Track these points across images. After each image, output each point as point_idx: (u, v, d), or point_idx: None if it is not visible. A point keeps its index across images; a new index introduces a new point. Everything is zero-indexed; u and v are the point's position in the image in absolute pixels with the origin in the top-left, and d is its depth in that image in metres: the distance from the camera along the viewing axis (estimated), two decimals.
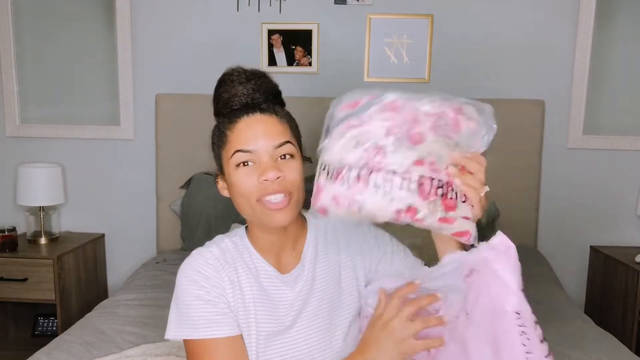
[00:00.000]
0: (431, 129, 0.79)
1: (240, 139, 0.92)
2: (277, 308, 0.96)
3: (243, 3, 2.47)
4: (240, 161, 0.91)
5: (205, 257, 0.95)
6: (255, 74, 0.95)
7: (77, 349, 1.52)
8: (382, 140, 0.78)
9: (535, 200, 2.48)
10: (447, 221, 0.79)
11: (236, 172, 0.92)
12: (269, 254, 0.99)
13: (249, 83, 0.93)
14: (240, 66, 0.96)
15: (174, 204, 2.48)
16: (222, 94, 0.95)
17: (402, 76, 2.49)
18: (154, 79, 2.54)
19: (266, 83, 0.96)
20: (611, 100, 2.48)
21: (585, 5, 2.39)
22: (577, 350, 1.52)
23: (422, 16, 2.45)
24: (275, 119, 0.94)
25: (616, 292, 2.31)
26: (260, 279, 0.97)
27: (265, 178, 0.89)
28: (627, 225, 2.53)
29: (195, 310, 0.91)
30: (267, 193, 0.90)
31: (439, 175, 0.79)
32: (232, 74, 0.95)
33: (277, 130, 0.93)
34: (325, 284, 0.99)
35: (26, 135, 2.59)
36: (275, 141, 0.92)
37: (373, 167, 0.77)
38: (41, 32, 2.54)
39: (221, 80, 0.96)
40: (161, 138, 2.51)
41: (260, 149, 0.91)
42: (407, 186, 0.77)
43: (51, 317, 2.51)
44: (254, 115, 0.93)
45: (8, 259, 2.27)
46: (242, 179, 0.91)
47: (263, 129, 0.92)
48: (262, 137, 0.91)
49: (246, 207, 0.93)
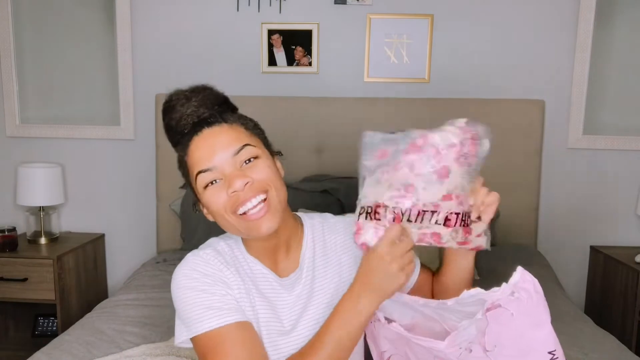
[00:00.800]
0: (455, 161, 0.83)
1: (197, 159, 0.89)
2: (277, 312, 0.95)
3: (243, 3, 2.47)
4: (206, 182, 0.88)
5: (203, 258, 0.93)
6: (194, 90, 0.92)
7: (77, 349, 1.52)
8: (412, 179, 0.83)
9: (535, 200, 2.48)
10: (465, 243, 0.86)
11: (206, 193, 0.89)
12: (265, 258, 0.97)
13: (190, 102, 0.90)
14: (178, 89, 0.93)
15: (174, 204, 2.48)
16: (169, 122, 0.92)
17: (402, 76, 2.49)
18: (154, 79, 2.54)
19: (207, 95, 0.92)
20: (611, 100, 2.48)
21: (585, 5, 2.39)
22: (577, 350, 1.52)
23: (422, 16, 2.45)
24: (225, 127, 0.90)
25: (616, 292, 2.31)
26: (258, 283, 0.95)
27: (233, 190, 0.87)
28: (627, 225, 2.53)
29: (199, 305, 0.88)
30: (241, 203, 0.87)
31: (463, 207, 0.84)
32: (172, 99, 0.91)
33: (230, 138, 0.89)
34: (326, 286, 0.98)
35: (26, 135, 2.59)
36: (231, 149, 0.88)
37: (406, 206, 0.83)
38: (41, 33, 2.55)
39: (164, 110, 0.93)
40: (161, 138, 2.51)
41: (219, 163, 0.88)
42: (435, 220, 0.83)
43: (51, 317, 2.52)
44: (202, 132, 0.90)
45: (8, 259, 2.27)
46: (213, 198, 0.89)
47: (215, 141, 0.88)
48: (217, 150, 0.88)
49: (228, 225, 0.91)
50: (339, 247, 1.03)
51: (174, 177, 2.48)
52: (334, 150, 2.48)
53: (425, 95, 2.49)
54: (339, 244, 1.03)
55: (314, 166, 2.48)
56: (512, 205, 2.45)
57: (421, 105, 2.46)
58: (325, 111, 2.45)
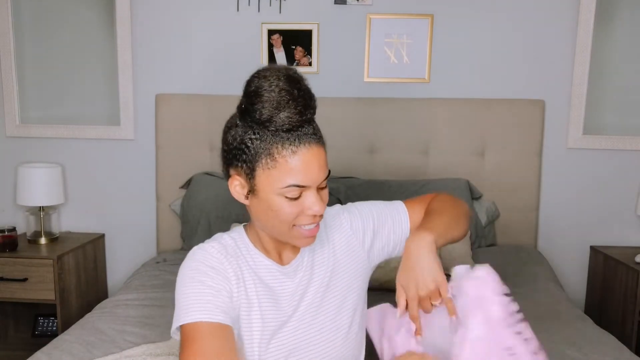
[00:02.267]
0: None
1: (297, 172, 0.86)
2: (279, 300, 0.97)
3: (243, 3, 2.47)
4: (293, 195, 0.88)
5: (207, 251, 0.94)
6: (302, 90, 0.86)
7: (77, 349, 1.52)
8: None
9: (535, 200, 2.48)
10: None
11: (281, 200, 0.88)
12: (269, 251, 0.99)
13: (297, 101, 0.84)
14: (275, 70, 0.85)
15: (174, 204, 2.48)
16: (264, 103, 0.83)
17: (402, 76, 2.49)
18: (154, 79, 2.54)
19: (313, 103, 0.88)
20: (611, 100, 2.48)
21: (585, 5, 2.39)
22: (577, 350, 1.52)
23: (422, 16, 2.45)
24: (323, 150, 0.90)
25: (616, 292, 2.31)
26: (260, 274, 0.97)
27: (314, 213, 0.89)
28: (627, 225, 2.53)
29: (194, 295, 0.88)
30: (308, 222, 0.90)
31: None
32: (280, 86, 0.84)
33: (325, 162, 0.90)
34: (323, 271, 1.01)
35: (26, 135, 2.59)
36: (324, 174, 0.90)
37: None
38: (41, 32, 2.55)
39: (259, 88, 0.84)
40: (161, 138, 2.51)
41: (312, 183, 0.88)
42: None
43: (51, 317, 2.52)
44: (311, 147, 0.87)
45: (8, 259, 2.27)
46: (288, 209, 0.88)
47: (318, 163, 0.88)
48: (317, 172, 0.88)
49: (277, 228, 0.92)
50: (332, 229, 1.06)
51: (174, 177, 2.50)
52: (334, 150, 2.46)
53: (425, 95, 2.49)
54: (334, 227, 1.06)
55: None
56: (512, 205, 2.45)
57: (421, 105, 2.46)
58: (325, 111, 2.44)
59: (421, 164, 2.48)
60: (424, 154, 2.48)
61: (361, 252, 1.05)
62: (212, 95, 2.48)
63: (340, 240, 1.05)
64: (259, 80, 0.85)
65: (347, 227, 1.06)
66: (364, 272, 1.06)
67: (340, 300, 1.01)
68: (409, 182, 2.39)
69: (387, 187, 2.36)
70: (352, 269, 1.04)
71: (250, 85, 0.86)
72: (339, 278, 1.02)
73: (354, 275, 1.04)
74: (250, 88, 0.85)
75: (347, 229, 1.06)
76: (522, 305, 0.90)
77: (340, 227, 1.06)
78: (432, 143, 2.48)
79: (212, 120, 2.38)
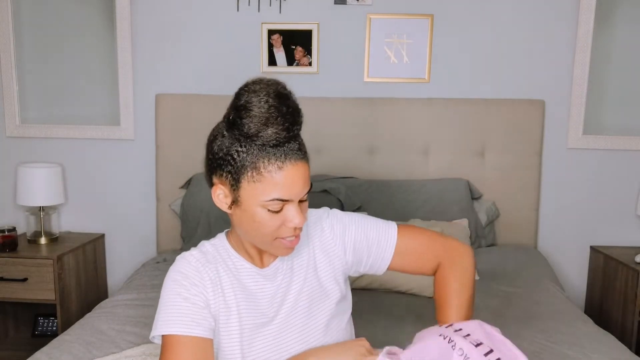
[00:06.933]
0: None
1: (281, 186, 0.87)
2: (259, 302, 0.98)
3: (243, 3, 2.47)
4: (275, 209, 0.89)
5: (187, 260, 0.97)
6: (291, 107, 0.86)
7: (77, 349, 1.52)
8: None
9: (535, 200, 2.48)
10: None
11: (263, 212, 0.89)
12: (250, 255, 1.01)
13: (284, 118, 0.85)
14: (270, 81, 0.88)
15: (174, 204, 2.48)
16: (252, 118, 0.84)
17: (402, 76, 2.49)
18: (154, 79, 2.54)
19: (297, 111, 0.88)
20: (611, 100, 2.48)
21: (585, 5, 2.39)
22: (577, 350, 1.52)
23: (422, 16, 2.45)
24: (307, 165, 0.92)
25: (616, 292, 2.31)
26: (240, 277, 0.99)
27: (295, 226, 0.91)
28: (627, 225, 2.53)
29: (172, 307, 0.91)
30: (289, 235, 0.92)
31: None
32: (269, 101, 0.84)
33: (309, 177, 0.92)
34: (304, 273, 1.02)
35: (26, 135, 2.59)
36: (307, 189, 0.92)
37: None
38: (41, 33, 2.54)
39: (249, 103, 0.85)
40: (161, 138, 2.51)
41: (295, 198, 0.90)
42: None
43: (51, 317, 2.52)
44: (296, 163, 0.88)
45: (8, 259, 2.27)
46: (270, 222, 0.90)
47: (302, 179, 0.90)
48: (300, 187, 0.90)
49: (258, 238, 0.93)
50: (314, 232, 1.06)
51: (174, 177, 2.50)
52: (334, 150, 2.48)
53: (425, 95, 2.49)
54: (315, 229, 1.06)
55: (313, 166, 2.48)
56: (512, 205, 2.46)
57: (421, 105, 2.46)
58: (325, 111, 2.45)
59: (421, 164, 2.48)
60: (424, 154, 2.48)
61: (341, 255, 1.06)
62: (212, 95, 2.48)
63: (320, 244, 1.06)
64: (248, 95, 0.86)
65: (328, 230, 1.06)
66: (343, 275, 1.08)
67: (318, 303, 1.02)
68: (409, 182, 2.39)
69: (387, 187, 2.36)
70: (331, 272, 1.05)
71: (240, 99, 0.86)
72: (318, 281, 1.03)
73: (333, 278, 1.05)
74: (240, 101, 0.86)
75: (328, 233, 1.06)
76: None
77: (322, 231, 1.06)
78: (432, 143, 2.48)
79: (212, 121, 2.37)
